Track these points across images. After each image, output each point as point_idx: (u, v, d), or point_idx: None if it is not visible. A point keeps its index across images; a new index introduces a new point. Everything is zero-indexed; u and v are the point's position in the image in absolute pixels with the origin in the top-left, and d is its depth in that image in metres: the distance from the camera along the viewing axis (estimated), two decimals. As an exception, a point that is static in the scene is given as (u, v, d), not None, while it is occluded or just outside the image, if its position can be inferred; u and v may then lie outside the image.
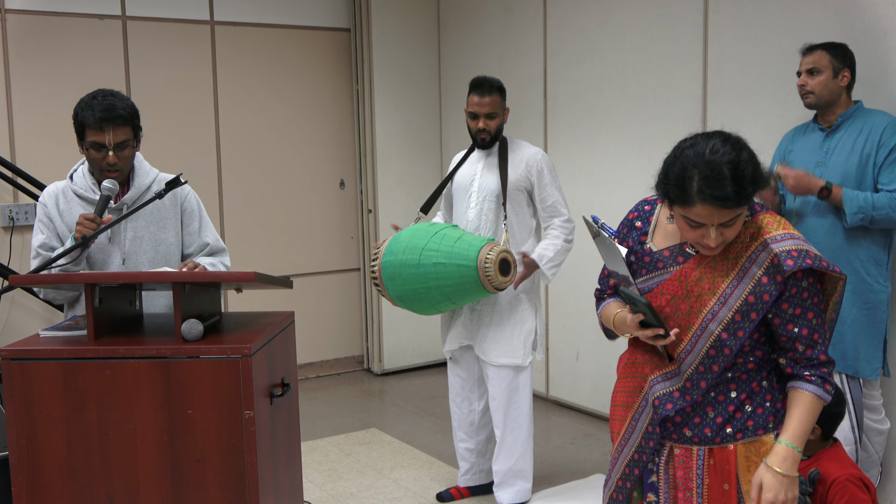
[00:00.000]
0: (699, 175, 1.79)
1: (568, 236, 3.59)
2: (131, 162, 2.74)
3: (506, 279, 3.33)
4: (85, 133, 2.63)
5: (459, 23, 5.89)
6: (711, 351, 1.94)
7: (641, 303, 1.92)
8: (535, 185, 3.58)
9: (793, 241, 1.90)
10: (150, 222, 2.77)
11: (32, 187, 4.87)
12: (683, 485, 2.01)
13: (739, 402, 1.97)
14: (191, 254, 2.86)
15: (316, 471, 4.26)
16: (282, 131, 5.85)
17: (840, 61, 3.27)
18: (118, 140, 2.63)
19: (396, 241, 3.46)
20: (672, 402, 2.00)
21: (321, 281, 6.08)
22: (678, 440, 2.02)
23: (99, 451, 2.21)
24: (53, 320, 5.02)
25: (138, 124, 2.72)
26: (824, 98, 3.30)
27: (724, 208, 1.80)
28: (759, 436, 1.98)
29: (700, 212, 1.82)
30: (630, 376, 2.12)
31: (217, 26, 5.58)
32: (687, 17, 4.23)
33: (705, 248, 1.92)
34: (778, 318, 1.93)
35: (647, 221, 2.09)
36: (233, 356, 2.18)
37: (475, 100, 3.57)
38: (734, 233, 1.89)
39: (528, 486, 3.73)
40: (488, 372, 3.64)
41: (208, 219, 2.93)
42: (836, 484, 2.66)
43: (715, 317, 1.92)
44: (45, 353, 2.21)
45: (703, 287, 1.94)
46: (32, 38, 5.00)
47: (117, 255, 2.73)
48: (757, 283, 1.90)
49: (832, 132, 3.32)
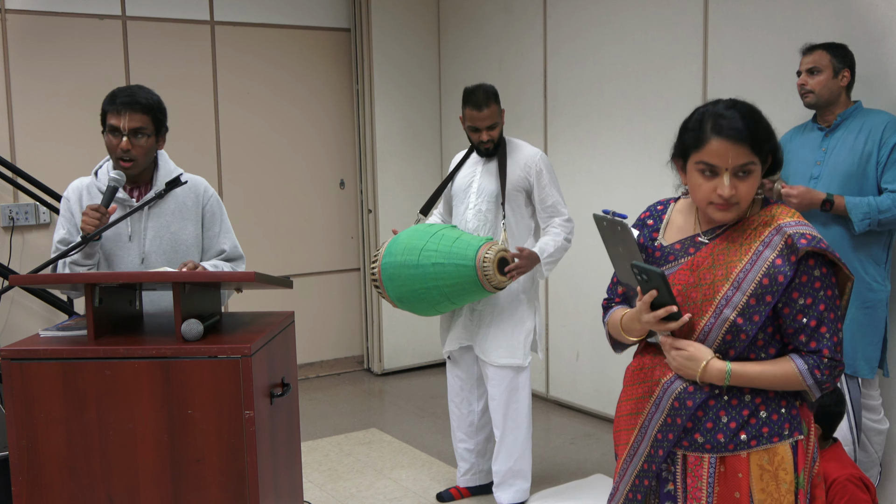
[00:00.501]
0: (715, 116, 1.89)
1: (568, 235, 3.59)
2: (149, 155, 2.72)
3: (504, 278, 3.34)
4: (106, 119, 2.65)
5: (459, 23, 5.89)
6: (728, 337, 1.89)
7: (655, 273, 1.84)
8: (534, 185, 3.58)
9: (807, 228, 1.88)
10: (171, 222, 2.76)
11: (32, 187, 4.87)
12: (692, 494, 1.95)
13: (754, 406, 1.91)
14: (206, 258, 2.84)
15: (316, 471, 4.26)
16: (282, 131, 5.86)
17: (840, 61, 3.27)
18: (133, 125, 2.62)
19: (395, 242, 3.47)
20: (691, 398, 1.93)
21: (321, 281, 6.08)
22: (689, 447, 1.95)
23: (99, 451, 2.21)
24: (53, 320, 5.02)
25: (160, 117, 2.71)
26: (824, 97, 3.31)
27: (738, 143, 1.84)
28: (774, 443, 1.91)
29: (715, 148, 1.85)
30: (638, 382, 2.06)
31: (217, 26, 5.58)
32: (687, 17, 4.23)
33: (719, 208, 1.89)
34: (788, 307, 1.88)
35: (658, 219, 2.09)
36: (233, 356, 2.18)
37: (473, 114, 3.54)
38: (747, 192, 1.87)
39: (526, 486, 3.73)
40: (488, 372, 3.64)
41: (229, 225, 2.90)
42: (836, 484, 2.67)
43: (729, 302, 1.88)
44: (45, 353, 2.21)
45: (716, 274, 1.91)
46: (32, 38, 5.00)
47: (136, 253, 2.72)
48: (771, 265, 1.86)
49: (831, 132, 3.33)
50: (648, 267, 1.86)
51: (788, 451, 1.91)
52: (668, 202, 2.12)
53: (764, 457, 1.91)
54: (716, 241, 1.95)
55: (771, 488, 1.90)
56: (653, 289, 1.89)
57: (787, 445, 1.92)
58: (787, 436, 1.92)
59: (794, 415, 1.94)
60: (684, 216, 2.05)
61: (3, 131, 4.95)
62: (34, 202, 4.95)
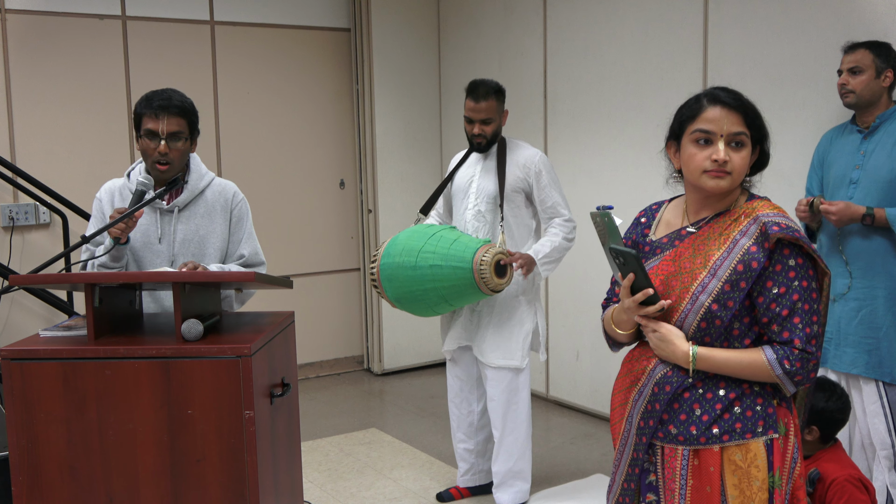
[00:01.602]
0: (710, 90, 1.97)
1: (568, 234, 3.59)
2: (184, 158, 2.72)
3: (501, 281, 3.34)
4: (141, 122, 2.65)
5: (459, 23, 5.89)
6: (703, 324, 1.93)
7: (630, 255, 1.90)
8: (533, 186, 3.58)
9: (782, 218, 1.92)
10: (200, 225, 2.77)
11: (32, 187, 4.87)
12: (667, 485, 1.98)
13: (728, 401, 1.93)
14: (225, 262, 2.85)
15: (316, 471, 4.27)
16: (282, 131, 5.86)
17: (883, 61, 3.15)
18: (171, 129, 2.63)
19: (394, 242, 3.47)
20: (669, 383, 1.97)
21: (321, 281, 6.08)
22: (664, 438, 1.99)
23: (99, 451, 2.21)
24: (53, 320, 5.02)
25: (194, 120, 2.72)
26: (865, 98, 3.18)
27: (732, 110, 1.91)
28: (746, 440, 1.92)
29: (710, 115, 1.92)
30: (627, 372, 2.10)
31: (217, 26, 5.58)
32: (687, 17, 4.23)
33: (713, 175, 1.92)
34: (762, 296, 1.90)
35: (651, 217, 2.15)
36: (233, 356, 2.18)
37: (471, 105, 3.56)
38: (740, 164, 1.92)
39: (526, 486, 3.73)
40: (487, 373, 3.64)
41: (253, 230, 2.91)
42: (834, 484, 2.66)
43: (705, 289, 1.92)
44: (45, 353, 2.21)
45: (695, 262, 1.95)
46: (32, 38, 5.00)
47: (166, 255, 2.73)
48: (745, 252, 1.90)
49: (870, 134, 3.21)
50: (624, 249, 1.91)
51: (762, 448, 1.92)
52: (664, 202, 2.17)
53: (737, 453, 1.92)
54: (699, 231, 2.00)
55: (743, 485, 1.92)
56: (630, 272, 1.93)
57: (761, 443, 1.93)
58: (760, 433, 1.93)
59: (770, 413, 1.95)
60: (674, 212, 2.10)
61: (3, 131, 4.95)
62: (34, 202, 4.95)
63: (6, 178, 4.85)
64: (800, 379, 1.91)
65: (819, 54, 3.59)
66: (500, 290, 3.36)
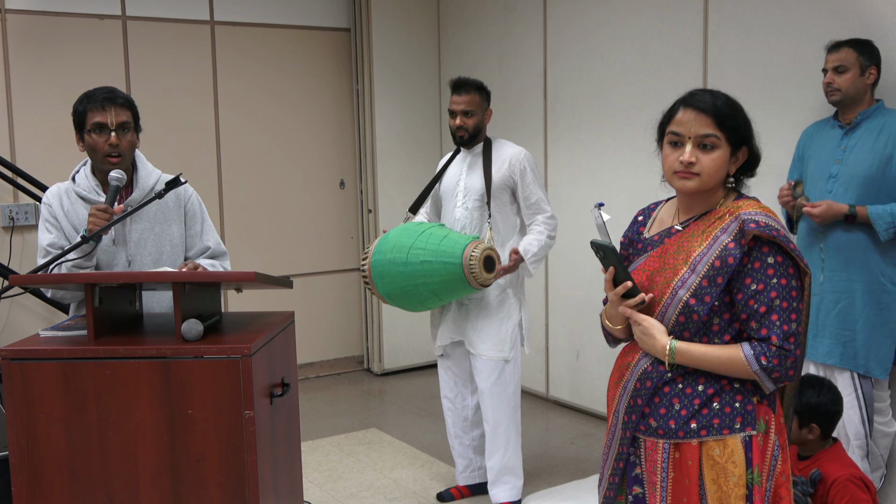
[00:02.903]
0: (687, 94, 2.04)
1: (551, 232, 3.67)
2: (132, 151, 2.74)
3: (490, 276, 3.43)
4: (86, 119, 2.65)
5: (459, 23, 5.89)
6: (681, 318, 1.96)
7: (608, 248, 1.96)
8: (518, 183, 3.65)
9: (763, 216, 1.93)
10: (154, 224, 2.77)
11: (32, 187, 4.87)
12: (649, 478, 2.02)
13: (707, 396, 1.95)
14: (191, 256, 2.86)
15: (316, 471, 4.26)
16: (282, 131, 5.86)
17: (867, 58, 3.21)
18: (120, 120, 2.65)
19: (385, 240, 3.54)
20: (650, 377, 2.01)
21: (321, 281, 6.08)
22: (645, 432, 2.02)
23: (99, 451, 2.21)
24: (53, 320, 5.02)
25: (137, 113, 2.75)
26: (850, 96, 3.24)
27: (702, 113, 1.95)
28: (724, 435, 1.94)
29: (680, 117, 1.99)
30: (617, 368, 2.15)
31: (217, 26, 5.58)
32: (687, 17, 4.23)
33: (681, 176, 1.97)
34: (741, 293, 1.93)
35: (648, 216, 2.19)
36: (233, 356, 2.18)
37: (453, 97, 3.71)
38: (710, 166, 1.95)
39: (519, 483, 3.74)
40: (476, 365, 3.70)
41: (210, 222, 2.94)
42: (836, 484, 2.67)
43: (685, 283, 1.95)
44: (45, 353, 2.21)
45: (678, 259, 1.99)
46: (32, 38, 5.00)
47: (122, 256, 2.73)
48: (724, 248, 1.93)
49: (851, 130, 3.27)
50: (602, 242, 1.98)
51: (739, 445, 1.94)
52: (661, 202, 2.22)
53: (715, 448, 1.95)
54: (685, 229, 2.04)
55: (720, 480, 1.94)
56: (610, 265, 2.00)
57: (738, 439, 1.94)
58: (738, 430, 1.95)
59: (749, 410, 1.96)
60: (668, 212, 2.15)
61: (3, 131, 4.95)
62: (34, 202, 4.95)
63: (6, 178, 4.85)
64: (777, 376, 1.92)
65: (819, 54, 3.59)
66: (488, 284, 3.45)
